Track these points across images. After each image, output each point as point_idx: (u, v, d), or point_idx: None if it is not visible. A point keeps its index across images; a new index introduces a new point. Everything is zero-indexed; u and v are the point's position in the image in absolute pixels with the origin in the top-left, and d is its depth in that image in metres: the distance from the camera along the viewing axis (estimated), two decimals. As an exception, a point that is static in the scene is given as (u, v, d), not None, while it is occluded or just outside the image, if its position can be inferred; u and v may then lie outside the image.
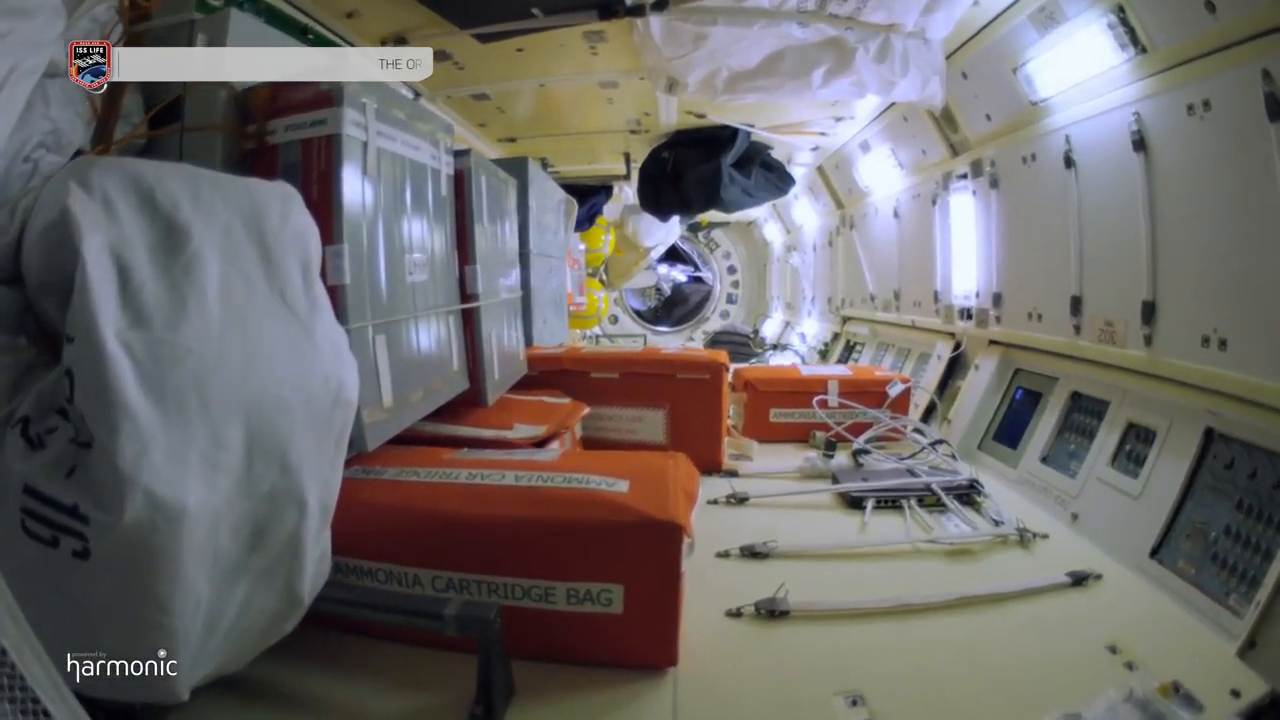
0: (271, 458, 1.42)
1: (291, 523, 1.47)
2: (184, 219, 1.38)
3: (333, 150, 1.78)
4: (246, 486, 1.38)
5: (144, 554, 1.20)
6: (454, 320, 2.39)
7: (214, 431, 1.31)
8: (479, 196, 2.56)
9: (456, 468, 1.92)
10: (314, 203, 1.75)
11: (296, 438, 1.46)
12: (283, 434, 1.44)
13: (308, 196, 1.74)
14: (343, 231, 1.76)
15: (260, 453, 1.39)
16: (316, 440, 1.52)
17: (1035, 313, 3.50)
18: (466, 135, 5.44)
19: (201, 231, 1.40)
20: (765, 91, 3.62)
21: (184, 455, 1.25)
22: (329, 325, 1.61)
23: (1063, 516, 2.86)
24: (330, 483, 1.57)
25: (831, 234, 7.09)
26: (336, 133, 1.78)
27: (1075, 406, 3.22)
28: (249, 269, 1.48)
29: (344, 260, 1.76)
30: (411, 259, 2.08)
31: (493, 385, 2.61)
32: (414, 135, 2.14)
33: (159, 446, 1.21)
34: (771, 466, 3.42)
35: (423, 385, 2.14)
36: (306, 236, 1.63)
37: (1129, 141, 2.71)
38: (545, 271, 4.52)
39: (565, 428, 2.61)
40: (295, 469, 1.46)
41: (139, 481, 1.18)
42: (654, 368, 3.38)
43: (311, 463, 1.50)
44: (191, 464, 1.26)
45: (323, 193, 1.77)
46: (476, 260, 2.49)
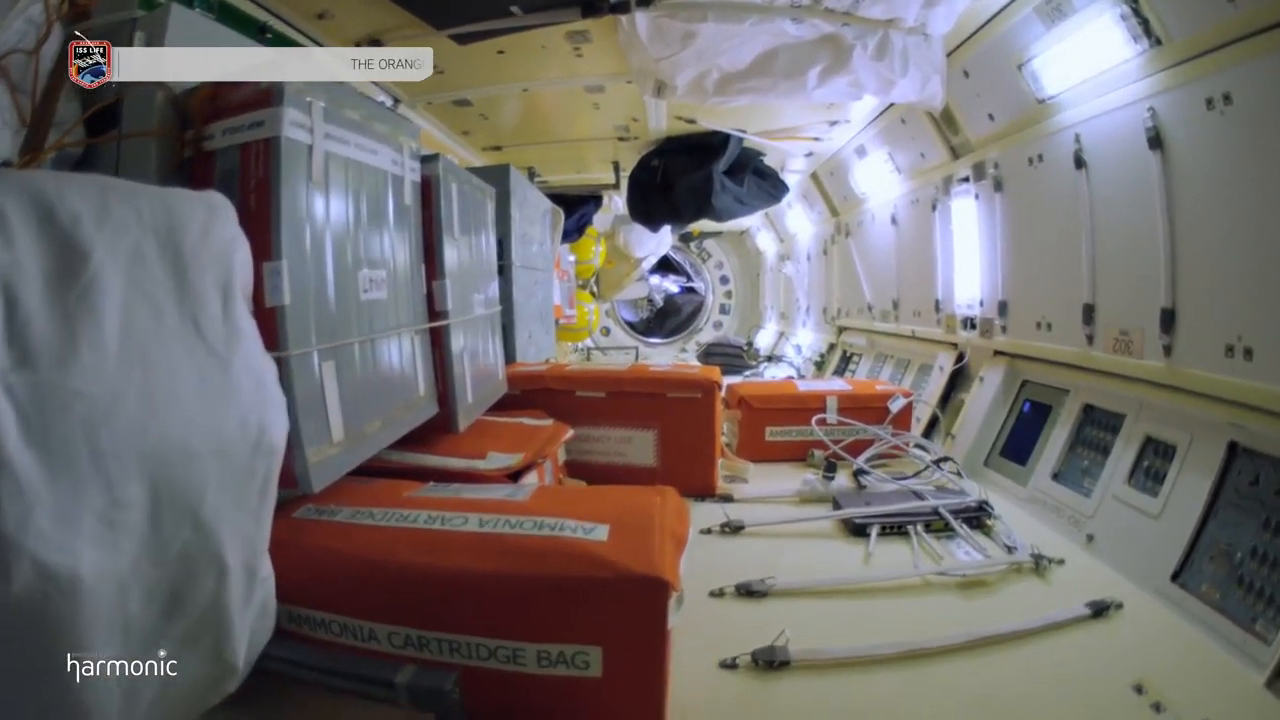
0: (181, 516, 1.22)
1: (211, 588, 1.29)
2: (85, 238, 1.17)
3: (271, 155, 1.59)
4: (154, 549, 1.20)
5: (40, 629, 1.04)
6: (420, 340, 2.18)
7: (110, 488, 1.13)
8: (449, 205, 2.36)
9: (415, 509, 1.71)
10: (251, 214, 1.56)
11: (210, 492, 1.27)
12: (193, 488, 1.24)
13: (244, 207, 1.55)
14: (281, 246, 1.56)
15: (168, 510, 1.20)
16: (235, 493, 1.33)
17: (1044, 322, 3.33)
18: (450, 144, 5.27)
19: (104, 252, 1.20)
20: (758, 93, 3.45)
21: (75, 516, 1.07)
22: (251, 357, 1.41)
23: (1077, 538, 2.70)
24: (256, 541, 1.38)
25: (826, 242, 6.93)
26: (275, 135, 1.59)
27: (1088, 420, 3.05)
28: (158, 294, 1.27)
29: (283, 278, 1.56)
30: (367, 275, 1.87)
31: (465, 409, 2.40)
32: (371, 138, 1.94)
33: (45, 507, 1.03)
34: (768, 490, 3.22)
35: (381, 414, 1.93)
36: (230, 253, 1.42)
37: (1144, 139, 2.57)
38: (530, 284, 4.33)
39: (544, 455, 2.40)
40: (210, 528, 1.27)
41: (24, 548, 1.00)
42: (643, 386, 3.18)
43: (230, 520, 1.31)
44: (84, 526, 1.08)
45: (260, 203, 1.58)
46: (445, 275, 2.29)
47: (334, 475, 1.73)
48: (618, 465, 3.15)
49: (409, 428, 2.12)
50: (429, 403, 2.26)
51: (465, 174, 2.65)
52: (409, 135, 2.20)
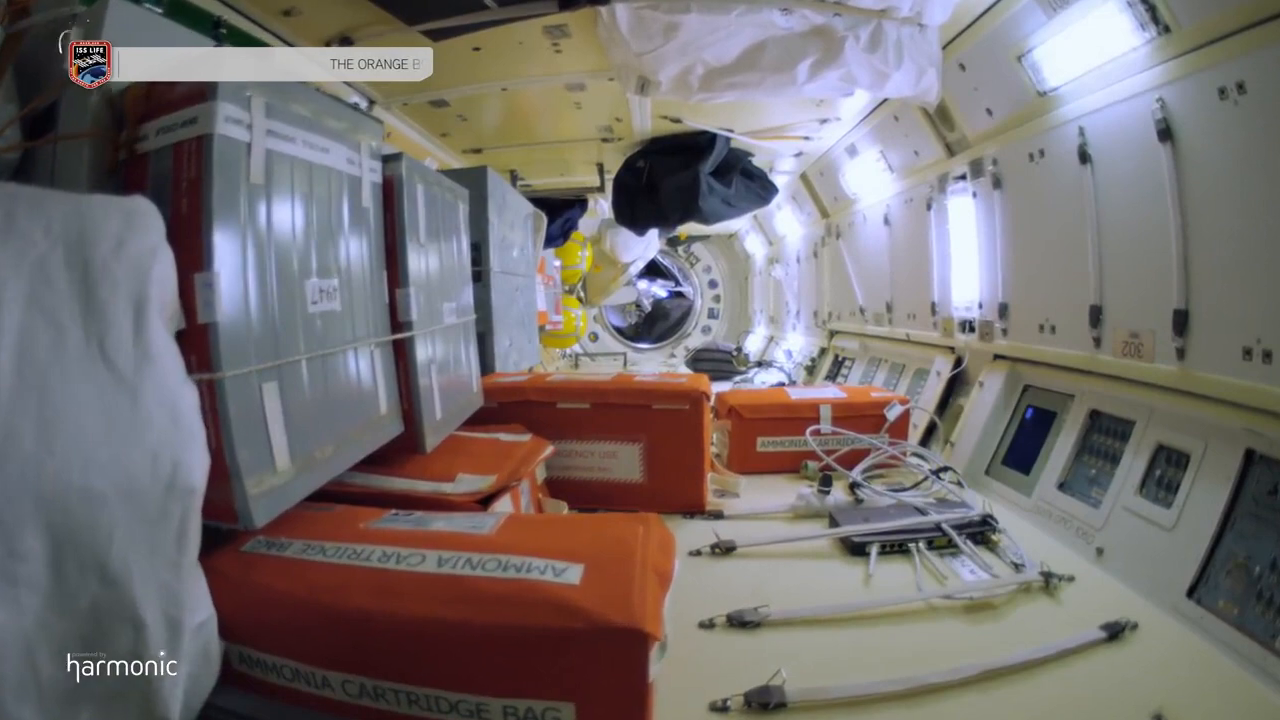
0: (87, 566, 1.08)
1: (128, 642, 1.14)
2: (-20, 255, 1.02)
3: (203, 154, 1.42)
4: (60, 602, 1.06)
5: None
6: (381, 354, 2.01)
7: (6, 538, 1.00)
8: (413, 208, 2.18)
9: (370, 543, 1.54)
10: (183, 220, 1.39)
11: (117, 539, 1.11)
12: (98, 535, 1.09)
13: (176, 213, 1.39)
14: (213, 255, 1.39)
15: (71, 561, 1.06)
16: (147, 540, 1.16)
17: (1048, 324, 3.19)
18: (428, 147, 5.10)
19: (4, 269, 1.05)
20: (745, 88, 3.29)
21: (-33, 572, 0.93)
22: (164, 385, 1.24)
23: (1086, 552, 2.56)
24: (177, 592, 1.21)
25: (816, 244, 6.80)
26: (208, 132, 1.42)
27: (1095, 427, 2.91)
28: (61, 314, 1.11)
29: (215, 291, 1.38)
30: (316, 284, 1.69)
31: (433, 427, 2.22)
32: (323, 135, 1.77)
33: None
34: (760, 505, 3.04)
35: (335, 437, 1.75)
36: (147, 266, 1.25)
37: (1153, 131, 2.45)
38: (510, 291, 4.16)
39: (520, 475, 2.22)
40: (121, 579, 1.12)
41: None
42: (628, 397, 3.00)
43: (143, 569, 1.15)
44: (-22, 582, 0.93)
45: (192, 207, 1.40)
46: (409, 282, 2.11)
47: (280, 507, 1.55)
48: (602, 481, 2.98)
49: (369, 449, 1.95)
50: (392, 421, 2.09)
51: (434, 175, 2.48)
52: (369, 133, 2.03)
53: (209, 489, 1.34)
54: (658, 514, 1.68)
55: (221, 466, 1.40)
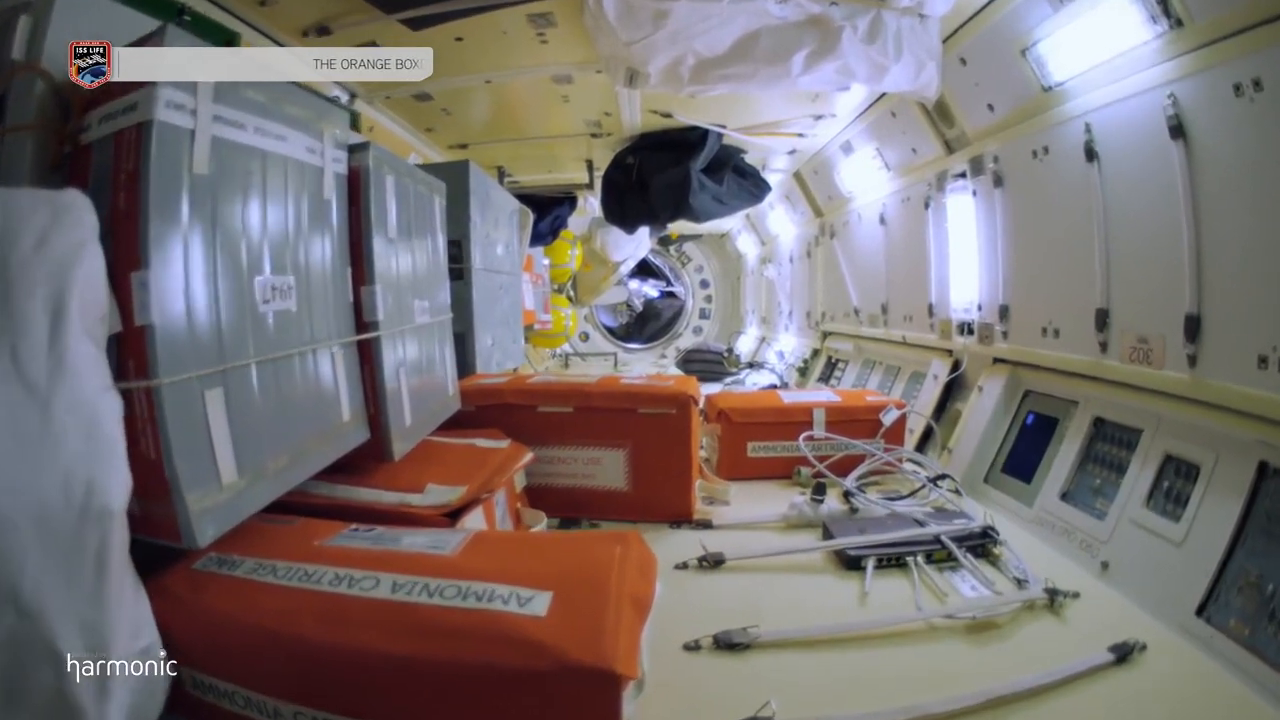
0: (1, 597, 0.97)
1: (49, 679, 1.03)
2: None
3: (142, 142, 1.28)
4: None
5: None
6: (344, 356, 1.87)
7: None
8: (382, 200, 2.04)
9: (324, 564, 1.41)
10: (121, 215, 1.27)
11: (29, 568, 1.00)
12: (9, 564, 0.98)
13: (115, 208, 1.27)
14: (149, 252, 1.26)
15: None
16: (63, 570, 1.04)
17: (1051, 328, 3.07)
18: (412, 142, 4.96)
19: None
20: (738, 80, 3.16)
21: None
22: (80, 397, 1.11)
23: (1090, 565, 2.44)
24: (100, 626, 1.09)
25: (810, 244, 6.67)
26: (148, 119, 1.29)
27: (1099, 434, 2.79)
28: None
29: (150, 291, 1.25)
30: (268, 282, 1.55)
31: (401, 433, 2.08)
32: (280, 122, 1.63)
33: None
34: (751, 514, 2.91)
35: (291, 447, 1.61)
36: (70, 264, 1.12)
37: (1164, 128, 2.33)
38: (493, 289, 4.02)
39: (493, 486, 2.08)
40: (35, 611, 1.01)
41: None
42: (612, 401, 2.85)
43: (59, 601, 1.03)
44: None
45: (130, 200, 1.27)
46: (376, 279, 1.97)
47: (226, 524, 1.42)
48: (585, 489, 2.84)
49: (330, 459, 1.81)
50: (356, 428, 1.95)
51: (407, 166, 2.33)
52: (333, 120, 1.89)
53: (151, 505, 1.25)
54: (638, 532, 1.54)
55: (162, 481, 1.28)
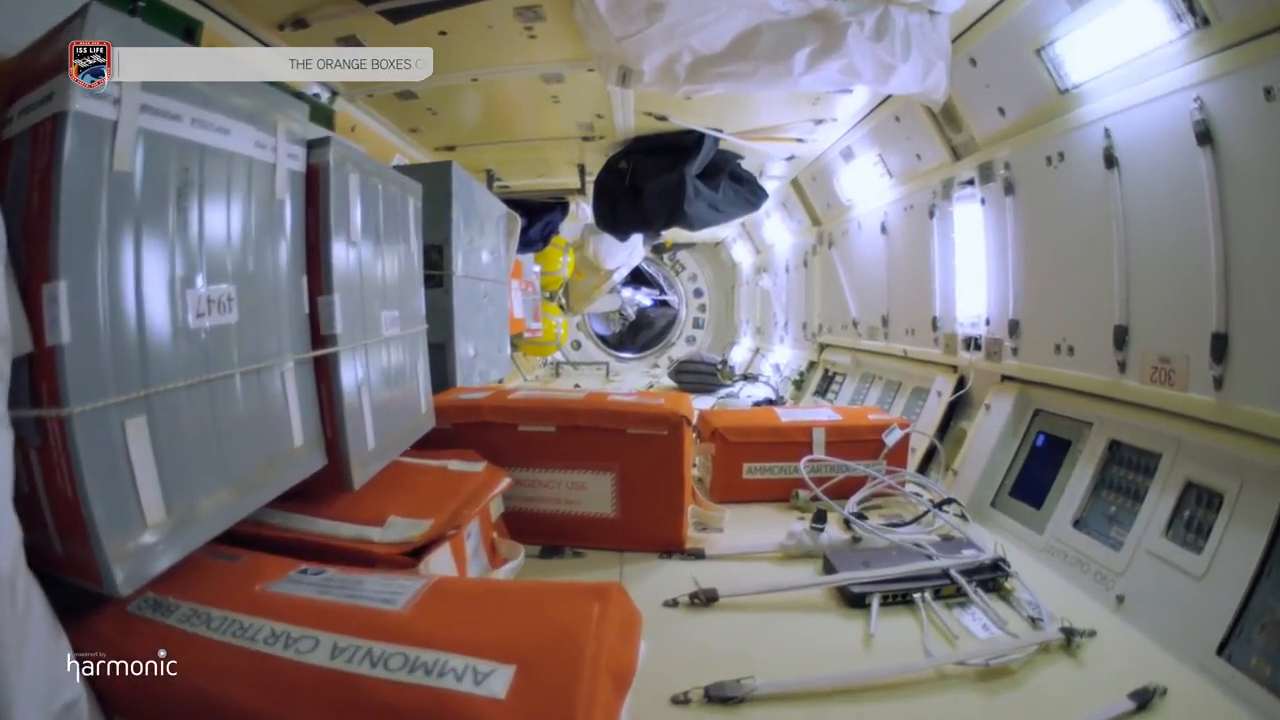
0: None
1: None
2: None
3: (57, 136, 1.10)
4: None
5: None
6: (296, 375, 1.67)
7: None
8: (344, 201, 1.85)
9: (263, 616, 1.23)
10: (33, 218, 1.09)
11: None
12: None
13: (28, 211, 1.10)
14: (60, 261, 1.07)
15: None
16: None
17: (1065, 345, 2.89)
18: (397, 143, 4.76)
19: None
20: (736, 80, 2.98)
21: None
22: None
23: (1106, 599, 2.27)
24: None
25: (807, 253, 6.50)
26: (63, 110, 1.11)
27: (1115, 458, 2.62)
28: None
29: (61, 306, 1.06)
30: (202, 293, 1.36)
31: (363, 459, 1.89)
32: (222, 114, 1.44)
33: None
34: (746, 542, 2.71)
35: (230, 479, 1.42)
36: None
37: (1191, 133, 2.19)
38: (476, 297, 3.82)
39: (462, 519, 1.88)
40: None
41: None
42: (599, 420, 2.64)
43: None
44: None
45: (42, 203, 1.09)
46: (334, 288, 1.78)
47: (152, 569, 1.23)
48: (569, 515, 2.64)
49: (279, 490, 1.61)
50: (311, 454, 1.75)
51: (376, 164, 2.14)
52: (289, 112, 1.70)
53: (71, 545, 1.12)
54: (620, 585, 1.35)
55: (80, 521, 1.11)
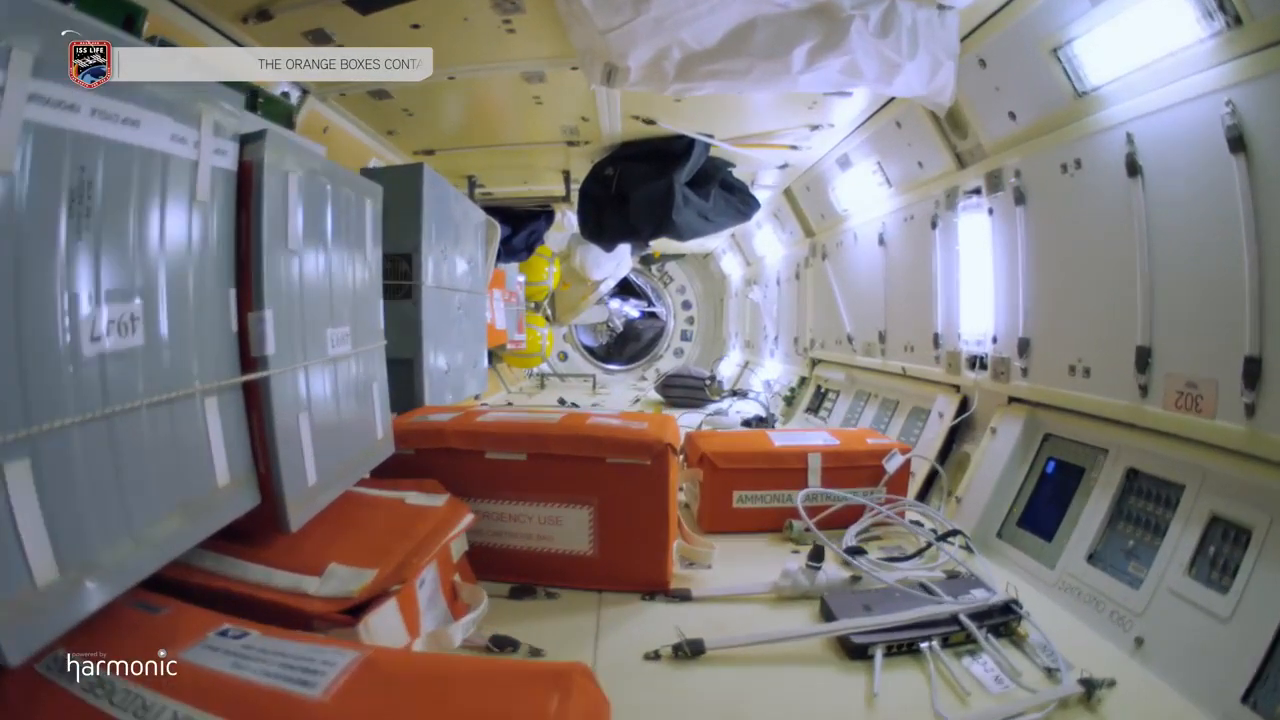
0: None
1: None
2: None
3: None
4: None
5: None
6: (221, 403, 1.43)
7: None
8: (281, 203, 1.60)
9: (166, 695, 1.02)
10: None
11: None
12: None
13: None
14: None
15: None
16: None
17: (1080, 366, 2.69)
18: (374, 146, 4.53)
19: None
20: (730, 78, 2.76)
21: None
22: None
23: (1123, 641, 2.07)
24: None
25: (799, 265, 6.30)
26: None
27: (1132, 488, 2.42)
28: None
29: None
30: (98, 313, 1.13)
31: (302, 496, 1.64)
32: (133, 103, 1.21)
33: None
34: (737, 581, 2.46)
35: (138, 529, 1.18)
36: None
37: (1222, 139, 2.00)
38: (448, 310, 3.59)
39: (414, 568, 1.63)
40: None
41: None
42: (575, 447, 2.40)
43: None
44: None
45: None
46: (266, 303, 1.54)
47: (46, 634, 1.02)
48: (542, 552, 2.39)
49: (199, 537, 1.37)
50: (240, 493, 1.51)
51: (325, 163, 1.89)
52: (218, 103, 1.47)
53: None
54: (587, 670, 1.11)
55: None
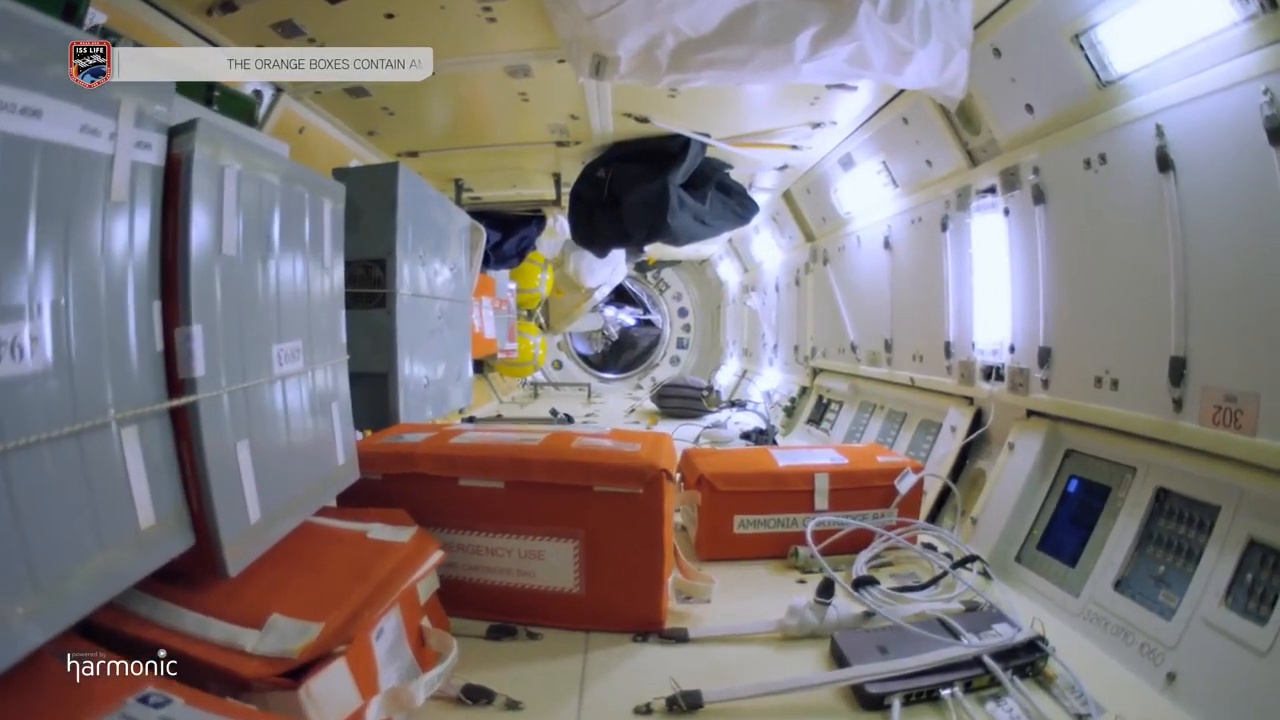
0: None
1: None
2: None
3: None
4: None
5: None
6: (142, 434, 1.22)
7: None
8: (214, 202, 1.39)
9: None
10: None
11: None
12: None
13: None
14: None
15: None
16: None
17: (1107, 378, 2.48)
18: (355, 148, 4.32)
19: None
20: (728, 67, 2.55)
21: None
22: None
23: (1154, 677, 1.88)
24: None
25: (799, 271, 6.09)
26: None
27: (1162, 509, 2.21)
28: None
29: None
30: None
31: (241, 537, 1.40)
32: (30, 90, 1.01)
33: None
34: (739, 618, 2.21)
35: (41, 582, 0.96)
36: None
37: (1261, 130, 1.83)
38: (428, 318, 3.37)
39: (366, 622, 1.41)
40: None
41: None
42: (558, 474, 2.14)
43: None
44: None
45: None
46: (195, 318, 1.33)
47: None
48: (524, 589, 2.15)
49: (119, 587, 1.16)
50: (169, 535, 1.28)
51: (273, 157, 1.67)
52: (145, 94, 1.27)
53: None
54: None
55: None
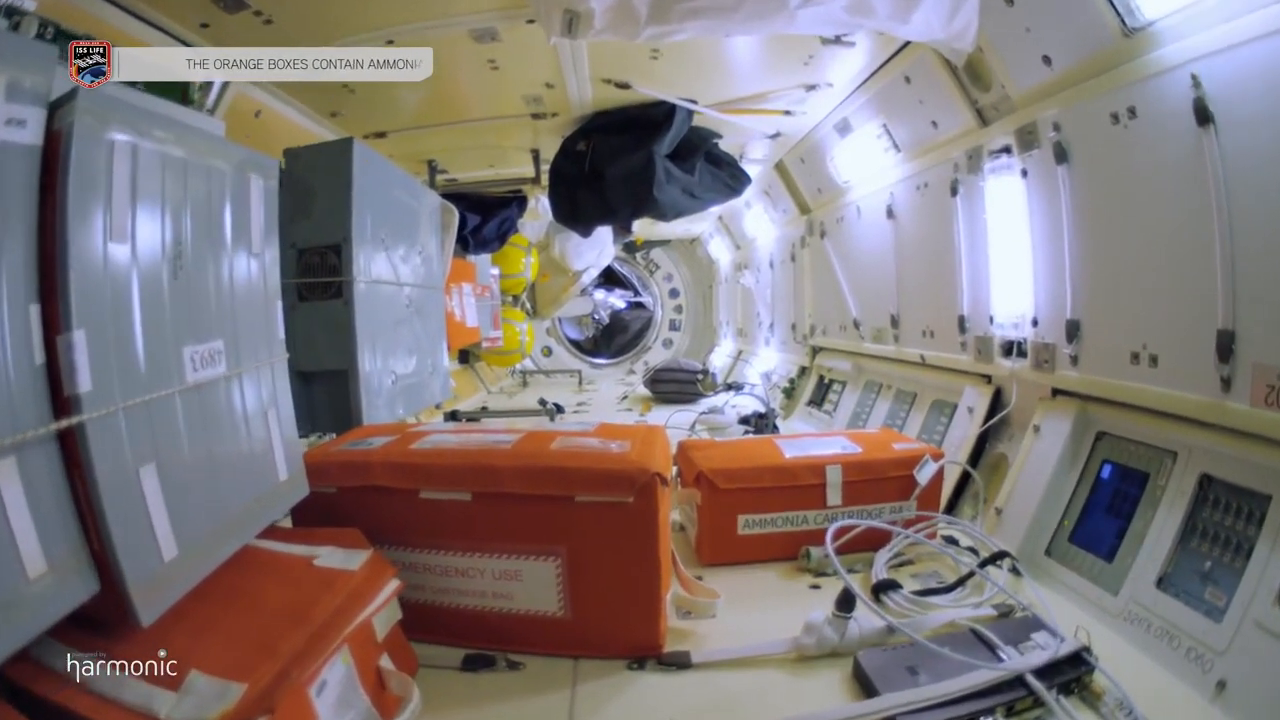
0: None
1: None
2: None
3: None
4: None
5: None
6: (24, 466, 0.98)
7: None
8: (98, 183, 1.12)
9: None
10: None
11: None
12: None
13: None
14: None
15: None
16: None
17: (1145, 353, 2.24)
18: (318, 131, 4.02)
19: None
20: (714, 17, 2.28)
21: None
22: None
23: (1203, 686, 1.68)
24: None
25: (794, 246, 5.84)
26: None
27: (1206, 498, 1.98)
28: None
29: None
30: None
31: (152, 578, 1.12)
32: None
33: None
34: (748, 639, 1.93)
35: None
36: None
37: None
38: (393, 308, 3.09)
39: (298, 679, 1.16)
40: None
41: None
42: (534, 483, 1.84)
43: None
44: None
45: None
46: (80, 322, 1.07)
47: None
48: (500, 613, 1.89)
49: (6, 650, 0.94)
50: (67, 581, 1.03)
51: (181, 128, 1.38)
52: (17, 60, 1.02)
53: None
54: None
55: None
